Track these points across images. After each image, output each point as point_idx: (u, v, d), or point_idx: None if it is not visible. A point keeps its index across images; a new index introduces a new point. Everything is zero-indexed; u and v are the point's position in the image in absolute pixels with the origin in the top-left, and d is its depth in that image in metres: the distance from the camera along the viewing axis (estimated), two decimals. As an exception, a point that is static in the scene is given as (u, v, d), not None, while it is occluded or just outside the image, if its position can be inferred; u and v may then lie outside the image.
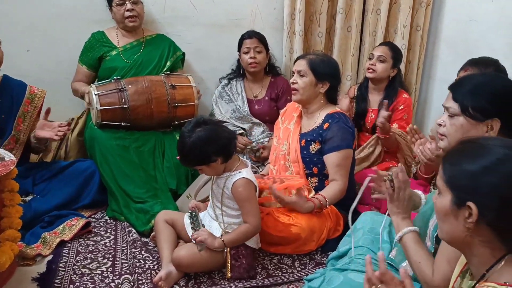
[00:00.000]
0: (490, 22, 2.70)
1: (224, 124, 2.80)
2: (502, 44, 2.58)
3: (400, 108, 2.74)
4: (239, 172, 1.92)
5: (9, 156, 1.81)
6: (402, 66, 3.07)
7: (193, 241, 1.90)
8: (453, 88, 1.42)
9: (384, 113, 2.52)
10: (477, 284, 0.94)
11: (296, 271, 2.03)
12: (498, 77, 1.46)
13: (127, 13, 2.65)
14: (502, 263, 0.91)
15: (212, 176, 2.01)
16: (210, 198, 2.04)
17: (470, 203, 0.92)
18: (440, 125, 1.46)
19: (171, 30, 2.98)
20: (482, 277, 0.95)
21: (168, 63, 2.79)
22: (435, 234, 1.39)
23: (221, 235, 1.91)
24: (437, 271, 1.28)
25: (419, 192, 1.70)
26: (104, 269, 1.98)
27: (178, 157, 1.90)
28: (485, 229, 0.92)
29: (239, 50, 2.91)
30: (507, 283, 0.87)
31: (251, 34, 2.86)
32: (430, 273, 1.30)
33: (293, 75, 2.27)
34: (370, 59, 2.77)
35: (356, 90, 2.91)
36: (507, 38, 2.55)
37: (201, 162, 1.87)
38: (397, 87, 2.79)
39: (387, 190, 1.46)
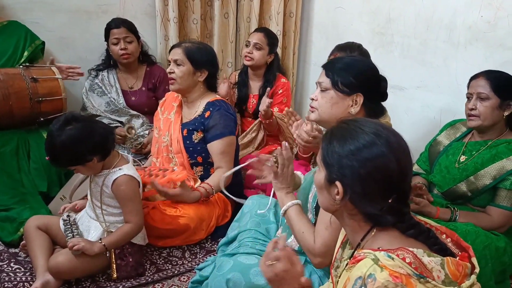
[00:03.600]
0: (355, 10, 2.92)
1: (98, 118, 2.66)
2: (366, 30, 2.82)
3: (279, 92, 2.84)
4: (119, 169, 1.83)
5: None
6: (279, 52, 3.18)
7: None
8: (326, 66, 1.55)
9: (266, 100, 2.59)
10: (355, 252, 1.03)
11: (187, 262, 2.02)
12: (363, 59, 1.64)
13: None
14: (373, 233, 1.01)
15: (90, 175, 1.87)
16: (88, 197, 1.91)
17: (337, 183, 1.00)
18: (312, 99, 1.56)
19: (26, 16, 2.67)
20: (358, 246, 1.04)
21: (26, 54, 2.49)
22: (314, 206, 1.49)
23: (100, 239, 1.80)
24: (317, 238, 1.38)
25: (299, 172, 1.80)
26: (-35, 291, 1.75)
27: (47, 158, 1.74)
28: (349, 205, 1.01)
29: (106, 40, 2.72)
30: (380, 248, 0.96)
31: (118, 23, 2.69)
32: (312, 240, 1.39)
33: (169, 64, 2.20)
34: (246, 46, 2.81)
35: (237, 76, 2.94)
36: (370, 24, 2.79)
37: (74, 162, 1.75)
38: (276, 72, 2.88)
39: (271, 167, 1.53)
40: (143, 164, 2.44)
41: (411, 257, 0.91)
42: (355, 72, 1.48)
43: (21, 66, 2.39)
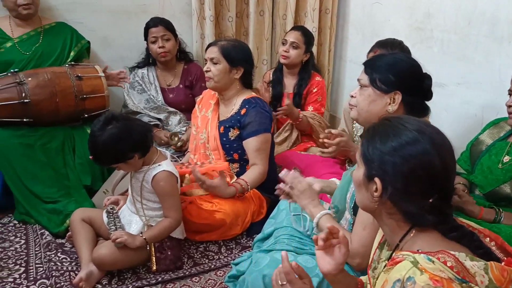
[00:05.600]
0: (392, 4, 2.87)
1: (138, 115, 2.74)
2: (403, 26, 2.77)
3: (314, 91, 2.83)
4: (159, 165, 1.88)
5: None
6: (314, 49, 3.16)
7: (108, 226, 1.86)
8: (366, 63, 1.54)
9: (286, 102, 2.61)
10: (394, 254, 1.01)
11: (223, 257, 2.05)
12: (405, 57, 1.60)
13: (20, 1, 2.42)
14: (412, 234, 0.99)
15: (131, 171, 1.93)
16: (129, 192, 1.97)
17: (376, 179, 0.99)
18: (352, 96, 1.56)
19: (71, 17, 2.78)
20: (396, 247, 1.02)
21: (72, 53, 2.60)
22: (352, 205, 1.48)
23: (141, 233, 1.86)
24: (354, 237, 1.37)
25: (334, 179, 1.81)
26: (17, 276, 1.87)
27: (91, 157, 1.81)
28: (388, 203, 1.00)
29: (145, 39, 2.79)
30: (419, 250, 0.94)
31: (157, 22, 2.75)
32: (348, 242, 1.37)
33: (205, 63, 2.24)
34: (283, 44, 2.81)
35: (271, 75, 2.95)
36: (408, 20, 2.74)
37: (116, 160, 1.81)
38: (311, 71, 2.87)
39: (284, 191, 1.60)
40: (180, 160, 2.50)
41: (453, 260, 0.89)
42: (395, 69, 1.45)
43: (67, 65, 2.49)
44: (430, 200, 0.96)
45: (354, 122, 2.26)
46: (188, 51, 2.98)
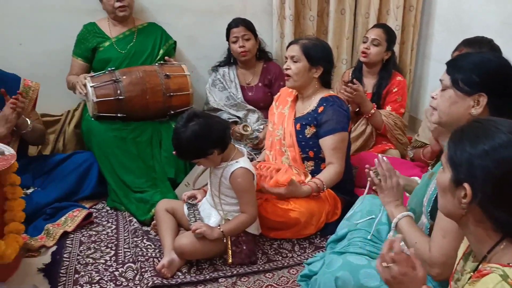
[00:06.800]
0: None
1: (219, 112, 2.85)
2: (494, 21, 2.59)
3: (394, 90, 2.75)
4: (236, 161, 1.94)
5: (9, 150, 1.82)
6: (396, 47, 3.08)
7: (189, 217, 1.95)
8: (449, 63, 1.44)
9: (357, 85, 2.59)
10: (480, 265, 0.96)
11: (296, 255, 2.07)
12: (493, 56, 1.47)
13: (117, 3, 2.63)
14: (502, 246, 0.93)
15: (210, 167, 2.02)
16: (208, 186, 2.06)
17: (466, 185, 0.94)
18: (433, 97, 1.49)
19: (161, 18, 2.95)
20: (484, 258, 0.97)
21: (161, 52, 2.78)
22: (429, 210, 1.42)
23: (219, 226, 1.94)
24: (434, 245, 1.31)
25: (416, 178, 1.73)
26: (108, 258, 2.02)
27: (174, 152, 1.92)
28: (477, 210, 0.94)
29: (227, 39, 2.88)
30: (511, 264, 0.89)
31: (238, 22, 2.83)
32: (427, 249, 1.33)
33: (285, 61, 2.26)
34: (364, 42, 2.76)
35: (350, 74, 2.91)
36: (499, 15, 2.56)
37: (198, 155, 1.89)
38: (391, 70, 2.79)
39: (374, 182, 1.53)
40: (257, 158, 2.56)
41: None
42: (481, 69, 1.34)
43: (156, 64, 2.66)
44: None
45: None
46: (268, 50, 3.03)
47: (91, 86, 2.44)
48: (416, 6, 3.15)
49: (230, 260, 1.95)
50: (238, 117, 2.90)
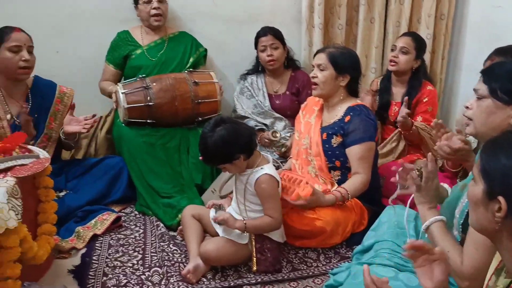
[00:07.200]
0: (516, 7, 2.64)
1: (246, 120, 2.87)
2: (530, 30, 2.53)
3: (424, 100, 2.71)
4: (261, 168, 1.95)
5: (43, 154, 1.89)
6: (427, 56, 3.03)
7: (215, 223, 1.95)
8: (484, 71, 1.42)
9: (404, 110, 2.51)
10: None
11: (321, 265, 2.06)
12: None
13: (153, 11, 2.70)
14: None
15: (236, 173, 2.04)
16: (233, 193, 2.08)
17: (500, 198, 0.91)
18: (467, 107, 1.45)
19: (193, 26, 3.01)
20: None
21: (191, 60, 2.83)
22: (461, 222, 1.39)
23: (244, 219, 1.94)
24: (466, 259, 1.28)
25: (445, 185, 1.70)
26: (135, 262, 2.05)
27: (201, 158, 1.94)
28: None
29: (256, 47, 2.91)
30: None
31: (266, 31, 2.85)
32: (459, 261, 1.30)
33: (313, 69, 2.27)
34: (392, 50, 2.73)
35: (379, 83, 2.88)
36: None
37: (224, 160, 1.91)
38: (421, 79, 2.75)
39: (414, 180, 1.48)
40: (283, 166, 2.57)
41: None
42: None
43: (186, 71, 2.71)
44: None
45: (468, 135, 2.12)
46: (296, 58, 3.03)
47: (122, 93, 2.51)
48: (448, 14, 3.11)
49: (254, 268, 1.95)
50: (265, 124, 2.91)
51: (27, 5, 2.79)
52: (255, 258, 1.96)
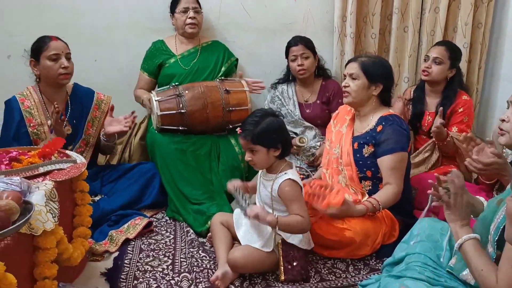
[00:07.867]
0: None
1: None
2: None
3: (459, 110, 2.64)
4: (285, 173, 1.96)
5: (80, 159, 1.96)
6: (463, 66, 2.96)
7: (247, 218, 1.94)
8: None
9: (438, 120, 2.46)
10: None
11: (350, 276, 2.03)
12: None
13: (189, 20, 2.77)
14: None
15: (259, 178, 2.05)
16: (257, 200, 2.09)
17: None
18: (503, 120, 1.42)
19: (226, 36, 3.07)
20: None
21: (223, 69, 2.88)
22: (496, 238, 1.35)
23: (276, 215, 1.93)
24: (501, 277, 1.24)
25: (481, 198, 1.65)
26: (165, 267, 2.08)
27: (239, 130, 1.95)
28: None
29: (286, 57, 2.92)
30: None
31: (297, 41, 2.86)
32: (494, 280, 1.26)
33: (344, 78, 2.26)
34: (425, 61, 2.68)
35: (412, 92, 2.84)
36: None
37: (264, 142, 1.92)
38: (456, 89, 2.69)
39: (442, 197, 1.45)
40: (313, 175, 2.56)
41: None
42: None
43: (217, 80, 2.76)
44: None
45: (504, 147, 2.05)
46: (328, 67, 3.03)
47: (155, 100, 2.58)
48: (485, 23, 3.03)
49: (282, 277, 1.94)
50: (295, 133, 2.91)
51: (68, 15, 2.92)
52: (282, 267, 1.95)
